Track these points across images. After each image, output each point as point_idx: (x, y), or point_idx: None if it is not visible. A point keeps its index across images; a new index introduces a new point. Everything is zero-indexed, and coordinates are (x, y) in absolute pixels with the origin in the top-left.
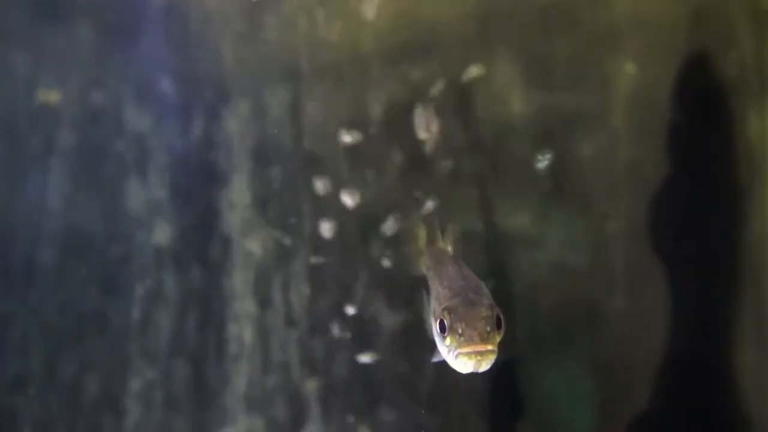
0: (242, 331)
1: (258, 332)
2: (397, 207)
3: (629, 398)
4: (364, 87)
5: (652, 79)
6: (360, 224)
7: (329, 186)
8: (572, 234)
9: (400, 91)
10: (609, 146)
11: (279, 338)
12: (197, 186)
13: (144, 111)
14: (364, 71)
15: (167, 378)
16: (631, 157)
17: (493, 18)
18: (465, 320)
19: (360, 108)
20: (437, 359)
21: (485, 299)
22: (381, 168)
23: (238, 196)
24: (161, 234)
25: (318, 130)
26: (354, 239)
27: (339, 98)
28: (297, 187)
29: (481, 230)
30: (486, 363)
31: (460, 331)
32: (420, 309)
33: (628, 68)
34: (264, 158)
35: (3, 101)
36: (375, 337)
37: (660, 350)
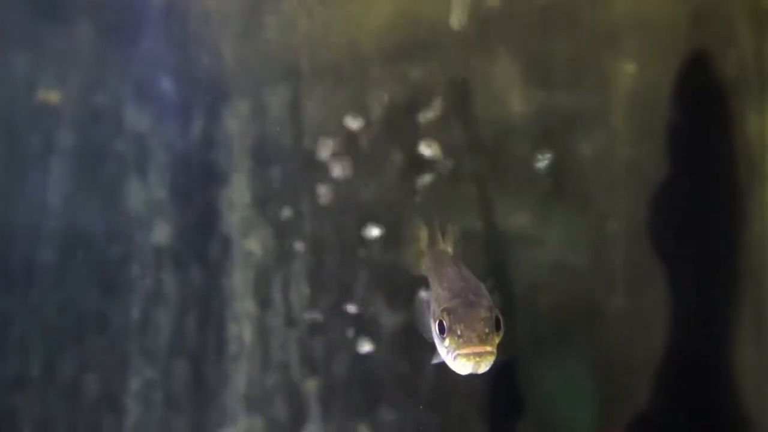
0: (242, 331)
1: (258, 332)
2: (397, 207)
3: (629, 398)
4: (364, 87)
5: (652, 79)
6: (360, 224)
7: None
8: (572, 234)
9: (400, 91)
10: (609, 146)
11: (279, 338)
12: (197, 186)
13: (144, 111)
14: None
15: (167, 377)
16: (631, 157)
17: (493, 18)
18: (464, 322)
19: (360, 108)
20: (437, 361)
21: (484, 301)
22: (381, 167)
23: (238, 196)
24: (161, 234)
25: (318, 130)
26: (354, 239)
27: (339, 98)
28: (297, 187)
29: (481, 230)
30: (485, 364)
31: (459, 333)
32: (420, 310)
33: (628, 68)
34: (264, 158)
35: (3, 101)
36: (375, 337)
37: (660, 350)
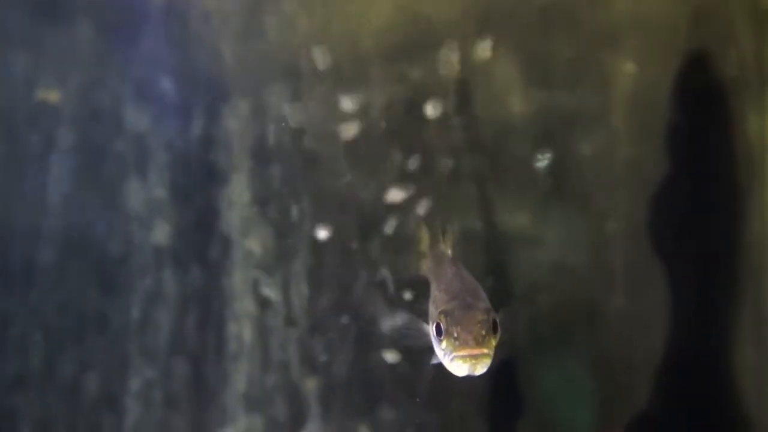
0: (242, 331)
1: (258, 331)
2: (397, 207)
3: (629, 398)
4: (364, 86)
5: (652, 79)
6: (360, 223)
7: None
8: (572, 234)
9: (400, 91)
10: (609, 146)
11: (278, 337)
12: (197, 185)
13: (144, 110)
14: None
15: (167, 377)
16: (631, 157)
17: (493, 17)
18: (461, 324)
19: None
20: (436, 361)
21: (482, 303)
22: (381, 167)
23: (238, 196)
24: (161, 233)
25: (318, 129)
26: (354, 238)
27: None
28: (297, 186)
29: (481, 230)
30: (481, 366)
31: (456, 335)
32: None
33: (628, 68)
34: (264, 157)
35: (3, 100)
36: (374, 337)
37: (660, 350)
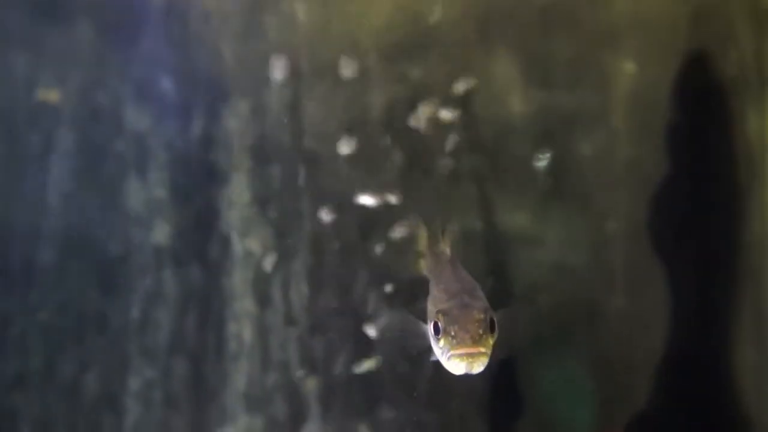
0: (242, 330)
1: (257, 331)
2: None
3: (629, 398)
4: (364, 86)
5: (652, 79)
6: (360, 223)
7: None
8: (572, 233)
9: (400, 91)
10: (609, 146)
11: (278, 337)
12: (197, 185)
13: (144, 110)
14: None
15: (167, 377)
16: (631, 157)
17: (493, 17)
18: (458, 323)
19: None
20: (435, 358)
21: (479, 303)
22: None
23: (238, 195)
24: (161, 233)
25: (318, 129)
26: (354, 238)
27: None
28: (296, 186)
29: (481, 230)
30: (478, 365)
31: (453, 334)
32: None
33: (628, 68)
34: (264, 157)
35: (3, 100)
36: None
37: (660, 350)
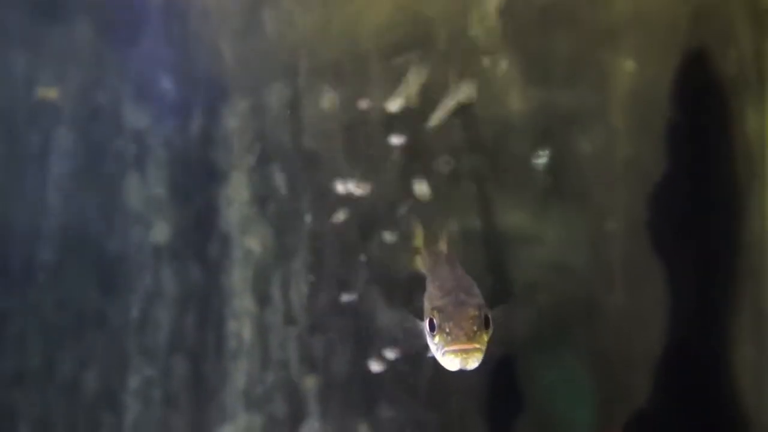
0: (241, 329)
1: (257, 329)
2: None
3: (628, 396)
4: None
5: (652, 78)
6: (359, 221)
7: None
8: (571, 232)
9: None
10: (608, 144)
11: (278, 336)
12: (196, 184)
13: (143, 109)
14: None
15: (166, 375)
16: (630, 156)
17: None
18: (453, 320)
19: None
20: (431, 355)
21: (474, 300)
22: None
23: (237, 194)
24: (160, 231)
25: (318, 128)
26: (353, 236)
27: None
28: (296, 185)
29: (480, 228)
30: (473, 361)
31: (448, 330)
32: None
33: (628, 66)
34: (263, 156)
35: (2, 100)
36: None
37: (659, 348)
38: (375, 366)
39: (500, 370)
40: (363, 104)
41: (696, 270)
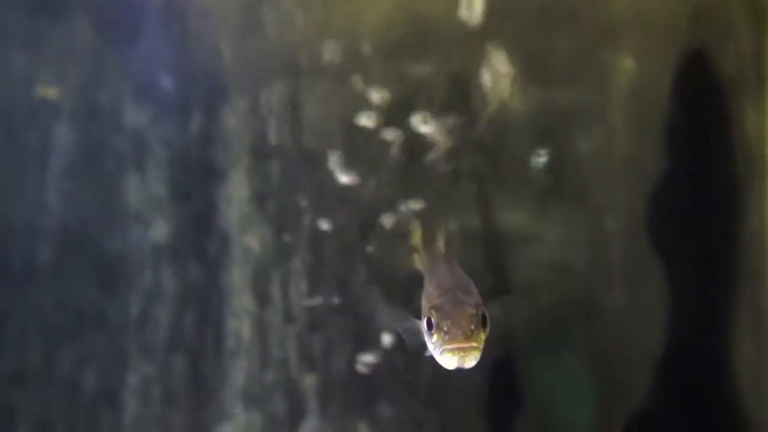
0: (240, 327)
1: (256, 328)
2: (396, 204)
3: (628, 396)
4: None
5: (651, 77)
6: (359, 220)
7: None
8: (571, 231)
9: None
10: (608, 143)
11: (277, 334)
12: (195, 182)
13: (143, 108)
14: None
15: (165, 374)
16: (630, 155)
17: (492, 15)
18: (450, 318)
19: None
20: (429, 354)
21: (472, 298)
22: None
23: (237, 192)
24: (159, 230)
25: (317, 127)
26: (353, 235)
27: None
28: (295, 183)
29: (480, 228)
30: (470, 359)
31: (446, 329)
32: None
33: (628, 65)
34: (262, 154)
35: (1, 98)
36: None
37: (659, 348)
38: (367, 359)
39: (500, 370)
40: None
41: (696, 269)
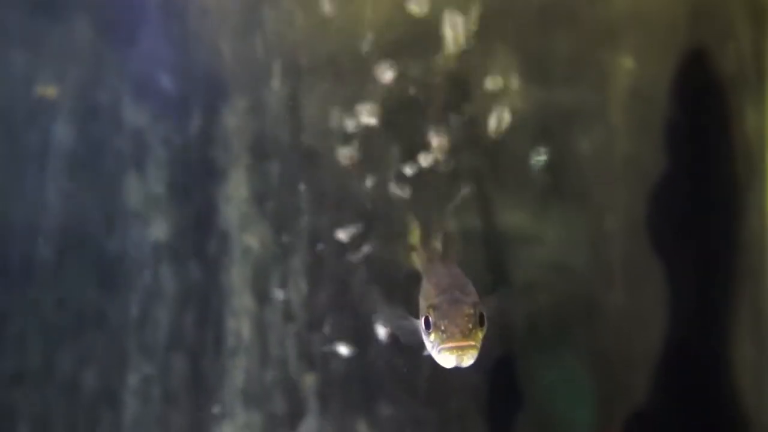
0: (240, 326)
1: (256, 327)
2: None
3: (628, 395)
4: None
5: (651, 76)
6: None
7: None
8: (571, 231)
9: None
10: (607, 143)
11: (277, 333)
12: (195, 181)
13: (142, 107)
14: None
15: (165, 373)
16: (630, 154)
17: (492, 15)
18: (448, 317)
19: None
20: (427, 353)
21: (469, 298)
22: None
23: (236, 192)
24: (159, 230)
25: (317, 125)
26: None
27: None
28: (295, 183)
29: (480, 228)
30: (468, 358)
31: (443, 328)
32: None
33: (627, 65)
34: (262, 153)
35: (1, 98)
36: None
37: (659, 347)
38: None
39: (500, 369)
40: None
41: (696, 269)
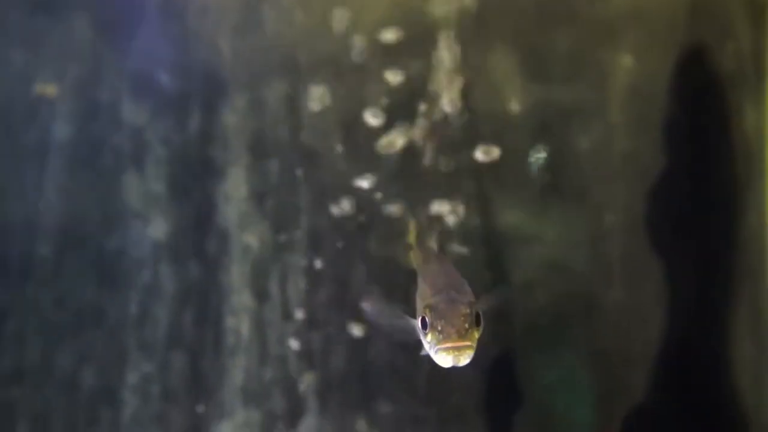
0: (239, 324)
1: (255, 325)
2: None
3: (626, 392)
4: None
5: (650, 73)
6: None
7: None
8: (570, 228)
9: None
10: (606, 140)
11: (276, 331)
12: (194, 180)
13: (141, 105)
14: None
15: (164, 371)
16: (629, 151)
17: (491, 11)
18: (444, 317)
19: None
20: (425, 352)
21: (466, 298)
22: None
23: (235, 190)
24: (158, 228)
25: (317, 124)
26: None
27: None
28: (294, 181)
29: (478, 225)
30: (464, 357)
31: (440, 328)
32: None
33: (626, 62)
34: (262, 152)
35: (0, 97)
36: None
37: (657, 344)
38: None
39: (499, 368)
40: None
41: (695, 268)
